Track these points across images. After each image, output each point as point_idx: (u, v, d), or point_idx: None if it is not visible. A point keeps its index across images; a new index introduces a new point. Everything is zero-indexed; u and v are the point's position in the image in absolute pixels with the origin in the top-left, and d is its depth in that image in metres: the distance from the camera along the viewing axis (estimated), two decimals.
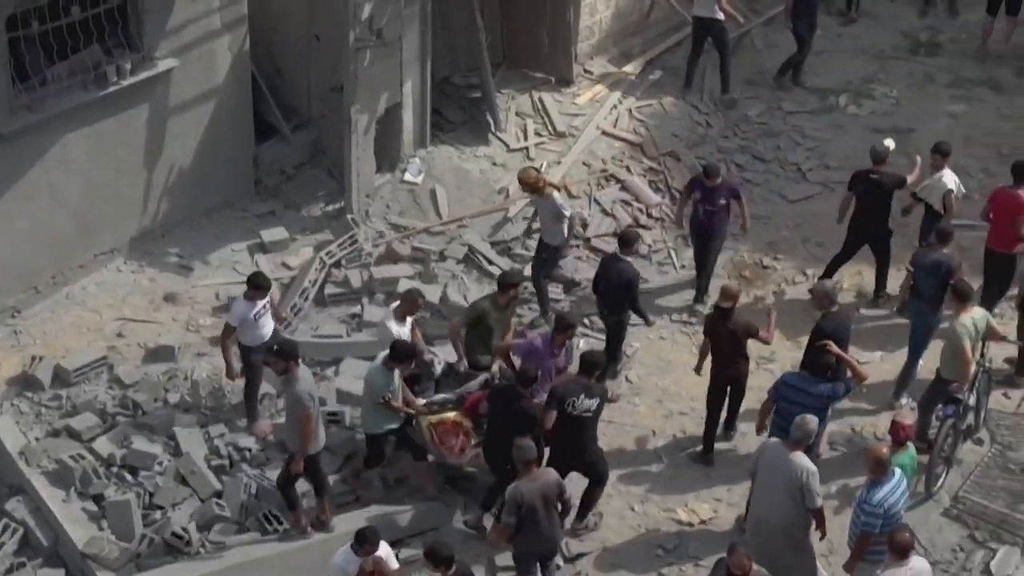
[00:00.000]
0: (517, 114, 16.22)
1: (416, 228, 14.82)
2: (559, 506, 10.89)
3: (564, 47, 16.50)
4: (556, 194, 13.87)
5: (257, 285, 12.15)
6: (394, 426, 11.82)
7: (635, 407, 13.22)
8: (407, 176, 15.31)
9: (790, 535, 10.66)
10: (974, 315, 11.99)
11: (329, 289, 14.03)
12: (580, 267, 14.55)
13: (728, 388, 12.37)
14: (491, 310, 12.44)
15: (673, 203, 15.30)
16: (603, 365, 11.75)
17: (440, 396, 12.24)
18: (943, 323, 12.71)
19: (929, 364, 12.90)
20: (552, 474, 10.83)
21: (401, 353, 11.56)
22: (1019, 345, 13.07)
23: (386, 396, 11.59)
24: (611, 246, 14.68)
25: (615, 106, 16.57)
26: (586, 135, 16.07)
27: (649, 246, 14.98)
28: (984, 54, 17.69)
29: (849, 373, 11.76)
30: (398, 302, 12.39)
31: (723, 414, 12.56)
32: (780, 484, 10.51)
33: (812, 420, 10.68)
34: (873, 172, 13.75)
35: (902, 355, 13.23)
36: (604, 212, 15.23)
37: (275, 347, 11.35)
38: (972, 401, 12.29)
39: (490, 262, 14.57)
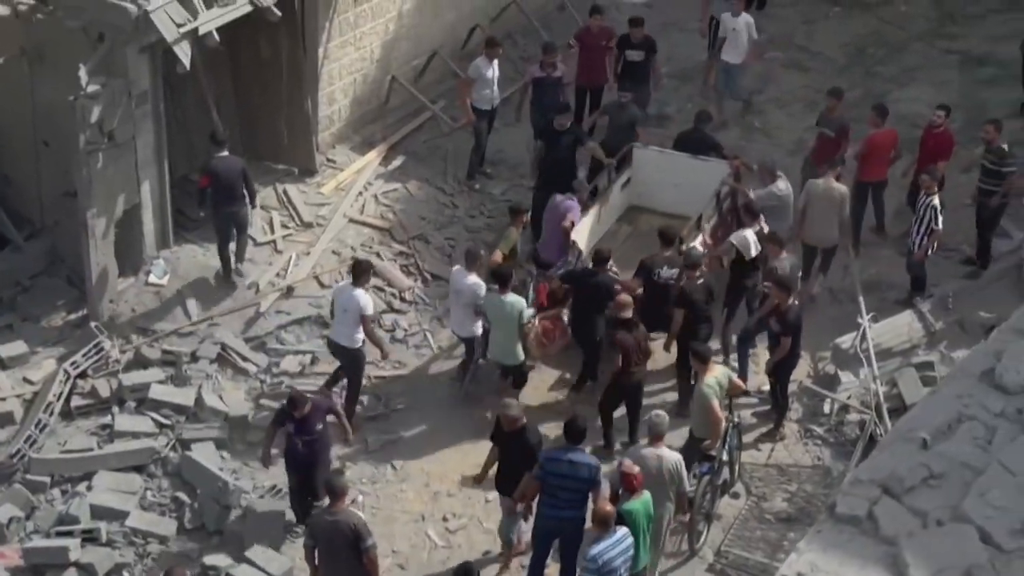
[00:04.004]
0: (262, 207, 16.03)
1: (164, 331, 14.44)
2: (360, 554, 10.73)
3: (304, 137, 16.45)
4: None
5: (366, 269, 13.34)
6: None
7: (402, 492, 13.15)
8: (152, 278, 14.90)
9: (662, 521, 11.71)
10: (716, 374, 12.41)
11: (76, 401, 13.49)
12: None
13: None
14: (518, 236, 14.36)
15: (426, 285, 15.39)
16: (678, 236, 13.88)
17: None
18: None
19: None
20: (352, 518, 10.80)
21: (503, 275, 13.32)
22: (759, 398, 13.62)
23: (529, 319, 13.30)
24: None
25: (360, 193, 16.58)
26: (334, 224, 16.02)
27: (405, 330, 15.00)
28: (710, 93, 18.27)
29: None
30: (467, 260, 13.65)
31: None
32: (657, 481, 11.41)
33: (664, 415, 11.82)
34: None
35: None
36: None
37: None
38: (725, 456, 12.70)
39: (244, 359, 14.28)
